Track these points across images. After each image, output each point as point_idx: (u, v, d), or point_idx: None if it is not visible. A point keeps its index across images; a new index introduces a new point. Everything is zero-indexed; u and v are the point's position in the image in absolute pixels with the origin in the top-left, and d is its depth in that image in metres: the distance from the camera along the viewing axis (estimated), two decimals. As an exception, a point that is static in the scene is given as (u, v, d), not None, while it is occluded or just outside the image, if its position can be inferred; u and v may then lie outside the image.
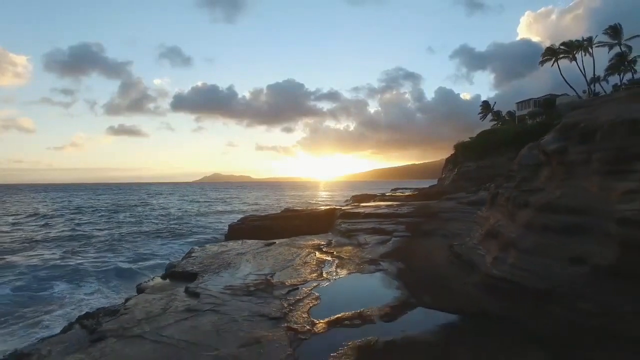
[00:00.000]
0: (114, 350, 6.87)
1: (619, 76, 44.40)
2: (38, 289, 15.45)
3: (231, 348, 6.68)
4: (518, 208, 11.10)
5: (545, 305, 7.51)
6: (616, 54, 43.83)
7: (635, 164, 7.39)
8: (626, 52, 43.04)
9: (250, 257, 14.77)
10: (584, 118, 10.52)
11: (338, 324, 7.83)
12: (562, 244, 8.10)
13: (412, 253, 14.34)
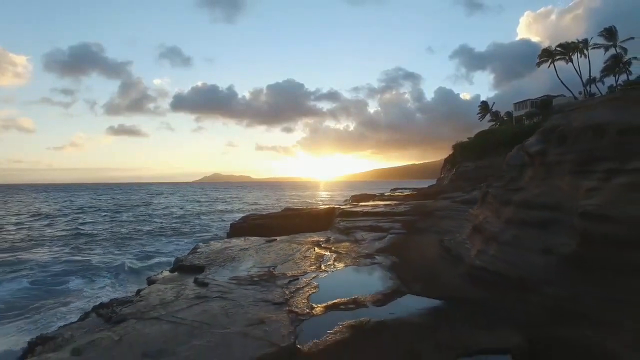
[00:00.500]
0: (136, 329, 7.79)
1: (614, 77, 45.32)
2: (53, 283, 16.39)
3: (239, 327, 7.62)
4: (502, 205, 12.06)
5: (520, 291, 8.45)
6: (611, 56, 44.75)
7: (597, 165, 8.33)
8: (621, 53, 43.95)
9: (253, 252, 15.72)
10: (561, 123, 11.47)
11: (334, 308, 8.77)
12: (536, 236, 9.05)
13: (406, 248, 15.28)
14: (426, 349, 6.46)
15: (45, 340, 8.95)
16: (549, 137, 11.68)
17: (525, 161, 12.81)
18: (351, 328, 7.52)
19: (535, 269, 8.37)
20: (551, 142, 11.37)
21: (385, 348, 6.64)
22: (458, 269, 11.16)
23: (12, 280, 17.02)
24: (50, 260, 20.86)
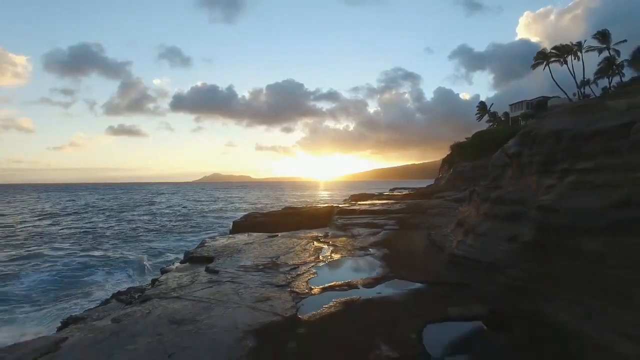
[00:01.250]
0: (161, 305, 9.24)
1: (607, 79, 46.73)
2: (71, 277, 17.81)
3: (249, 303, 9.07)
4: (482, 202, 13.51)
5: (490, 274, 9.89)
6: (605, 58, 46.17)
7: (556, 165, 9.74)
8: (614, 56, 45.36)
9: (257, 246, 17.16)
10: (534, 127, 12.89)
11: (330, 289, 10.21)
12: (505, 228, 10.48)
13: (398, 242, 16.73)
14: (403, 318, 7.89)
15: (76, 320, 10.40)
16: (524, 140, 13.08)
17: (506, 162, 14.23)
18: (343, 304, 8.96)
19: (502, 255, 9.81)
20: (525, 144, 12.78)
21: (371, 318, 8.07)
22: (441, 257, 12.62)
23: (32, 274, 18.46)
24: (65, 256, 22.31)
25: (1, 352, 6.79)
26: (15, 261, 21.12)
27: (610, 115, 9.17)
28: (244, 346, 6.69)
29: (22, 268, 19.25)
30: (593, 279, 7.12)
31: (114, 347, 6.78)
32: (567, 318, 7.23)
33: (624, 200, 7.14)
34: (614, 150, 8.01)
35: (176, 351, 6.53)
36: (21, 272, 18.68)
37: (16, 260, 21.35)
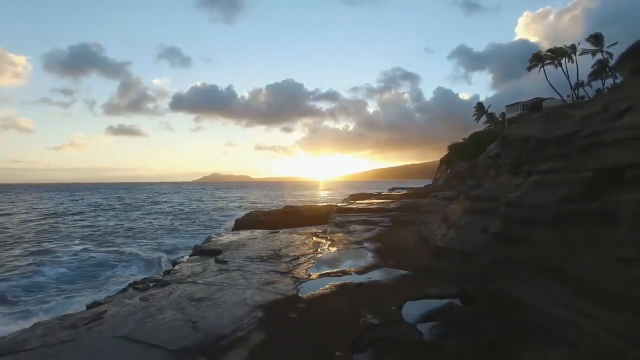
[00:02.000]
0: (179, 288, 10.76)
1: (601, 81, 48.22)
2: (87, 270, 19.23)
3: (256, 285, 10.60)
4: (465, 199, 15.03)
5: (465, 261, 11.41)
6: (598, 61, 47.68)
7: (523, 167, 11.25)
8: (607, 59, 46.85)
9: (260, 240, 18.69)
10: (512, 132, 14.41)
11: (326, 275, 11.75)
12: (480, 221, 12.00)
13: (390, 237, 18.25)
14: (387, 296, 9.42)
15: (99, 304, 11.87)
16: (502, 144, 14.61)
17: (489, 163, 15.75)
18: (337, 286, 10.49)
19: (476, 245, 11.32)
20: (504, 147, 14.30)
21: (360, 296, 9.58)
22: (426, 249, 14.14)
23: (51, 269, 19.88)
24: (80, 252, 23.79)
25: (56, 320, 8.31)
26: (32, 257, 22.58)
27: (567, 124, 10.68)
28: (254, 316, 8.22)
29: (40, 263, 20.72)
30: (541, 261, 8.62)
31: (146, 317, 8.30)
32: (521, 293, 8.73)
33: (567, 197, 8.65)
34: (564, 155, 9.52)
35: (199, 320, 8.05)
36: (40, 266, 20.16)
37: (33, 256, 22.78)
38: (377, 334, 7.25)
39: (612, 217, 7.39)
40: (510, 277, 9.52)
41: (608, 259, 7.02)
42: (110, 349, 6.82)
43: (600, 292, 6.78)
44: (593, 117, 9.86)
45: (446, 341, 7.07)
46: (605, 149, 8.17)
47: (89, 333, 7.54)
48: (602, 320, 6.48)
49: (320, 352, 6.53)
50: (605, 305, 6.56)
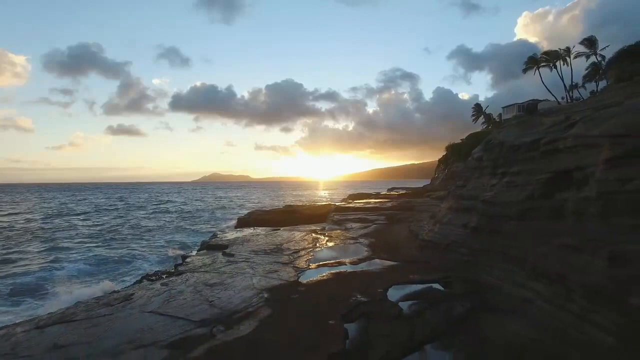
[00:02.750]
0: (194, 276, 12.25)
1: (595, 83, 49.70)
2: (104, 265, 20.71)
3: (262, 273, 12.09)
4: (451, 198, 16.53)
5: (445, 252, 12.91)
6: (591, 64, 49.18)
7: (499, 168, 12.75)
8: (600, 61, 48.33)
9: (263, 237, 20.18)
10: (493, 137, 15.90)
11: (324, 265, 13.24)
12: (461, 217, 13.50)
13: (384, 233, 19.74)
14: (375, 281, 10.91)
15: (117, 292, 13.35)
16: (486, 147, 16.11)
17: (474, 165, 17.25)
18: (333, 274, 11.99)
19: (456, 238, 12.82)
20: (487, 150, 15.81)
21: (352, 282, 11.07)
22: (415, 243, 15.64)
23: (70, 264, 21.32)
24: (93, 248, 25.31)
25: (93, 299, 9.81)
26: (47, 253, 24.05)
27: (537, 131, 12.18)
28: (261, 296, 9.71)
29: (57, 259, 22.19)
30: (508, 250, 10.11)
31: (169, 297, 9.80)
32: (490, 277, 10.24)
33: (529, 195, 10.15)
34: (530, 159, 11.02)
35: (214, 299, 9.54)
36: (59, 262, 21.64)
37: (48, 253, 24.26)
38: (364, 309, 8.76)
39: (560, 212, 8.89)
40: (483, 265, 11.03)
41: (556, 247, 8.51)
42: (142, 320, 8.31)
43: (549, 275, 8.28)
44: (555, 126, 11.36)
45: (422, 315, 8.56)
46: (559, 155, 9.67)
47: (123, 309, 9.04)
48: (547, 296, 7.98)
49: (316, 322, 8.02)
50: (550, 284, 8.06)
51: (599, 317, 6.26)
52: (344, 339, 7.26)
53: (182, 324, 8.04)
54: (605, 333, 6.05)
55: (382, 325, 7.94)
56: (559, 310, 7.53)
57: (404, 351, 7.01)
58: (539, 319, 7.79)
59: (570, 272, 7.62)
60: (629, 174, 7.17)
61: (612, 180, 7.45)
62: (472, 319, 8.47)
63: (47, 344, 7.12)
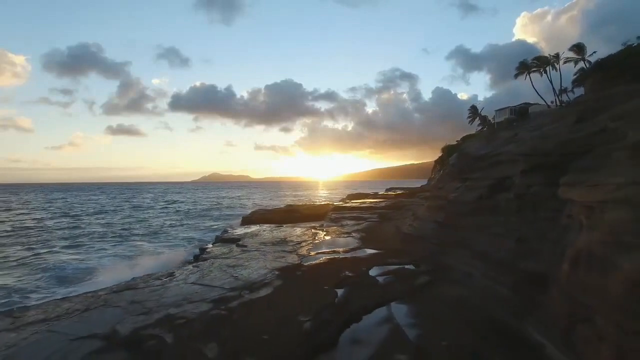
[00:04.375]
0: (217, 261, 15.44)
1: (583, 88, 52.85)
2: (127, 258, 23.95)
3: (271, 258, 15.31)
4: (430, 198, 19.73)
5: (420, 243, 16.11)
6: (580, 69, 52.37)
7: (464, 174, 15.94)
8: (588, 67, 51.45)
9: (268, 232, 23.40)
10: (464, 148, 19.12)
11: (321, 253, 16.45)
12: (434, 214, 16.70)
13: (374, 229, 22.95)
14: (361, 264, 14.13)
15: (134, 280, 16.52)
16: (457, 156, 19.33)
17: (449, 170, 20.45)
18: (328, 259, 15.20)
19: (428, 231, 16.03)
20: (458, 159, 19.03)
21: (344, 264, 14.27)
22: (398, 237, 18.85)
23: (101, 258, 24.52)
24: (115, 246, 28.54)
25: (146, 275, 13.00)
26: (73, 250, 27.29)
27: (492, 145, 15.36)
28: (273, 273, 12.92)
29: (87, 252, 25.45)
30: (463, 240, 13.30)
31: (203, 275, 12.99)
32: (449, 261, 13.43)
33: (479, 196, 13.34)
34: (483, 167, 14.21)
35: (238, 275, 12.74)
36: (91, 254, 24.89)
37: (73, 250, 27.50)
38: (350, 280, 11.97)
39: (497, 209, 12.08)
40: (446, 251, 14.23)
41: (491, 235, 11.71)
42: (188, 288, 11.51)
43: (486, 257, 11.47)
44: (505, 142, 14.55)
45: (392, 284, 11.77)
46: (499, 166, 12.87)
47: (170, 282, 12.25)
48: (482, 271, 11.17)
49: (315, 288, 11.22)
50: (485, 262, 11.25)
51: (502, 278, 9.47)
52: (334, 298, 10.48)
53: (217, 289, 11.24)
54: (504, 287, 9.26)
55: (362, 290, 11.16)
56: (484, 279, 10.75)
57: (375, 306, 10.21)
58: (474, 285, 11.00)
59: (493, 252, 10.85)
60: (532, 182, 10.34)
61: (523, 185, 10.64)
62: (429, 287, 11.69)
63: (127, 300, 10.33)
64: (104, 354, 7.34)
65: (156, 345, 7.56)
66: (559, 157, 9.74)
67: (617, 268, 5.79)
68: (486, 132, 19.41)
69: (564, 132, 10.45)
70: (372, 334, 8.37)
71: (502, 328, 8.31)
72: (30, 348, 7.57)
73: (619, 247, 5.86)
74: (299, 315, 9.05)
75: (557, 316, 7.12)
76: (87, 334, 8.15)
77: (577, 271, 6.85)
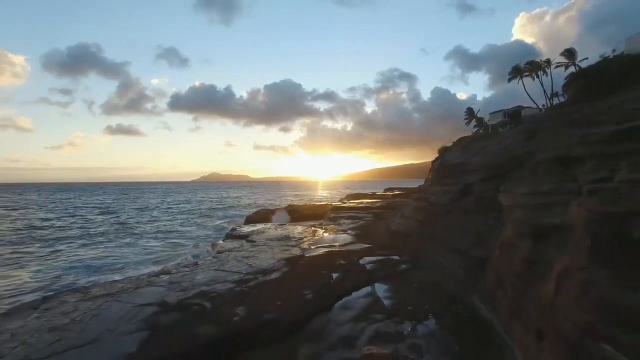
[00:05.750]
0: (231, 254, 18.38)
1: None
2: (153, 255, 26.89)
3: (278, 251, 18.26)
4: (417, 199, 22.68)
5: (404, 238, 19.06)
6: (570, 74, 55.25)
7: (442, 179, 18.86)
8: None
9: (273, 230, 26.37)
10: (446, 157, 22.03)
11: (320, 247, 19.40)
12: (417, 213, 19.65)
13: (368, 227, 25.91)
14: (353, 255, 17.08)
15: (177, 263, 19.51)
16: (439, 163, 22.24)
17: (433, 175, 23.34)
18: (326, 252, 18.15)
19: (412, 228, 18.98)
20: (439, 166, 21.94)
21: (339, 255, 17.21)
22: (387, 233, 21.81)
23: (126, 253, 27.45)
24: (133, 243, 31.48)
25: (175, 263, 15.92)
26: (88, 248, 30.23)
27: (466, 154, 18.28)
28: (280, 262, 15.86)
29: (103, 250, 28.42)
30: (438, 236, 16.23)
31: (223, 264, 15.93)
32: (427, 253, 16.37)
33: (452, 198, 16.27)
34: (456, 174, 17.14)
35: (251, 264, 15.68)
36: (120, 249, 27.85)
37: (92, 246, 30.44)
38: (344, 267, 14.92)
39: (465, 210, 15.02)
40: (425, 245, 17.19)
41: (460, 232, 14.64)
42: (212, 273, 14.44)
43: (453, 248, 14.40)
44: (476, 152, 17.48)
45: (378, 270, 14.72)
46: (467, 174, 15.81)
47: (196, 269, 15.18)
48: (449, 259, 14.11)
49: (315, 273, 14.15)
50: (452, 253, 14.19)
51: (459, 263, 12.43)
52: (330, 279, 13.43)
53: (237, 274, 14.18)
54: (461, 270, 12.21)
55: (353, 274, 14.11)
56: (450, 265, 13.70)
57: (362, 285, 13.16)
58: (442, 271, 13.96)
59: (458, 245, 13.81)
60: (487, 187, 13.28)
61: (481, 190, 13.59)
62: (408, 272, 14.66)
63: (166, 281, 13.27)
64: (162, 314, 10.26)
65: (199, 309, 10.50)
66: (506, 169, 12.69)
67: (518, 250, 8.75)
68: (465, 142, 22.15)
69: (513, 149, 13.39)
70: (358, 303, 11.34)
71: (454, 298, 11.28)
72: (109, 310, 10.51)
73: (519, 236, 8.81)
74: (303, 290, 12.02)
75: (489, 286, 10.08)
76: (145, 303, 11.09)
77: (501, 254, 9.82)
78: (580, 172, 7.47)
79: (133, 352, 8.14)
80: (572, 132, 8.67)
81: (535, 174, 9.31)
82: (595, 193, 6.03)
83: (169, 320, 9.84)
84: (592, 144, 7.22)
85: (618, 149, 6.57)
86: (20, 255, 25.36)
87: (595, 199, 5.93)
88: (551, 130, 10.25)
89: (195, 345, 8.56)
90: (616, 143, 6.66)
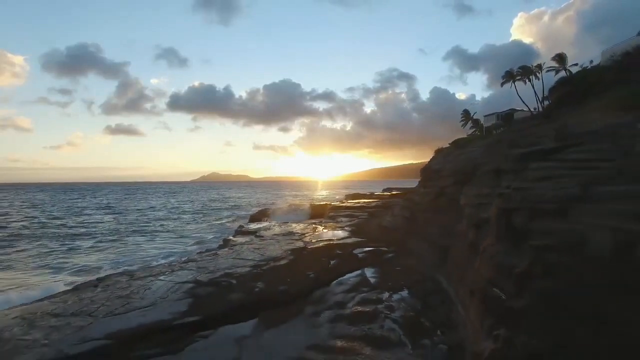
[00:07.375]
0: (244, 246, 21.64)
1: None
2: (168, 252, 30.12)
3: (284, 244, 21.52)
4: (405, 199, 25.98)
5: (392, 232, 22.33)
6: (560, 78, 58.51)
7: (425, 182, 22.10)
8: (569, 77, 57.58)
9: (277, 227, 29.65)
10: (432, 161, 25.31)
11: (321, 241, 22.67)
12: (403, 212, 22.92)
13: (363, 224, 29.19)
14: (348, 247, 20.36)
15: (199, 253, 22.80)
16: (424, 168, 25.51)
17: (422, 178, 26.62)
18: (325, 245, 21.43)
19: (398, 224, 22.24)
20: (424, 170, 25.21)
21: (337, 247, 20.46)
22: (379, 229, 25.11)
23: (146, 248, 30.72)
24: (148, 241, 34.69)
25: (196, 255, 19.18)
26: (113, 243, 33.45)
27: (445, 160, 21.53)
28: (287, 252, 19.12)
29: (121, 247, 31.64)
30: (421, 231, 19.47)
31: (239, 254, 19.18)
32: (411, 245, 19.63)
33: (431, 199, 19.52)
34: (435, 178, 20.39)
35: (262, 253, 18.94)
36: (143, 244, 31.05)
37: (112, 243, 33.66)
38: (339, 255, 18.19)
39: (440, 209, 18.27)
40: (409, 238, 20.46)
41: (434, 226, 17.90)
42: (231, 260, 17.68)
43: (430, 240, 17.65)
44: (452, 158, 20.74)
45: (367, 258, 17.99)
46: (443, 178, 19.07)
47: (217, 257, 18.43)
48: (424, 248, 17.36)
49: (315, 260, 17.41)
50: (428, 244, 17.43)
51: (430, 250, 15.68)
52: (328, 264, 16.70)
53: (251, 261, 17.43)
54: (434, 257, 15.48)
55: (347, 261, 17.39)
56: (426, 253, 16.96)
57: (354, 269, 16.42)
58: (420, 258, 17.22)
59: (434, 237, 17.08)
60: (457, 190, 16.53)
61: (452, 193, 16.85)
62: (392, 259, 17.93)
63: (194, 266, 16.51)
64: (199, 288, 13.49)
65: (227, 284, 13.75)
66: (470, 176, 15.94)
67: (467, 238, 12.02)
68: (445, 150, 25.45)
69: (476, 158, 16.65)
70: (350, 281, 14.60)
71: (424, 276, 14.55)
72: (156, 285, 13.75)
73: (470, 227, 12.08)
74: (307, 272, 15.29)
75: (449, 266, 13.34)
76: (183, 281, 14.33)
77: (457, 242, 13.08)
78: (504, 180, 10.73)
79: (185, 310, 11.39)
80: (507, 151, 11.94)
81: (481, 180, 12.58)
82: (501, 196, 9.29)
83: (206, 292, 13.08)
84: (510, 162, 10.49)
85: (523, 165, 9.83)
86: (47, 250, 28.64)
87: (500, 200, 9.19)
88: (497, 148, 13.51)
89: (229, 307, 11.82)
90: (522, 161, 9.93)
